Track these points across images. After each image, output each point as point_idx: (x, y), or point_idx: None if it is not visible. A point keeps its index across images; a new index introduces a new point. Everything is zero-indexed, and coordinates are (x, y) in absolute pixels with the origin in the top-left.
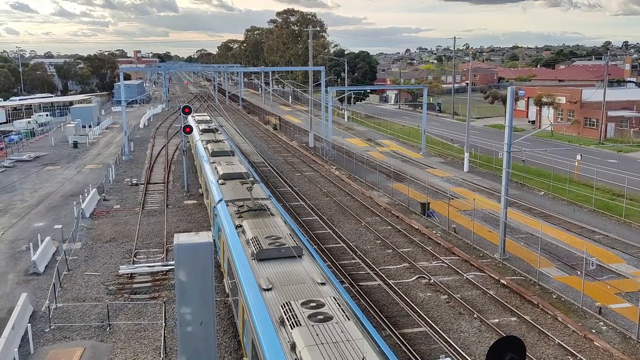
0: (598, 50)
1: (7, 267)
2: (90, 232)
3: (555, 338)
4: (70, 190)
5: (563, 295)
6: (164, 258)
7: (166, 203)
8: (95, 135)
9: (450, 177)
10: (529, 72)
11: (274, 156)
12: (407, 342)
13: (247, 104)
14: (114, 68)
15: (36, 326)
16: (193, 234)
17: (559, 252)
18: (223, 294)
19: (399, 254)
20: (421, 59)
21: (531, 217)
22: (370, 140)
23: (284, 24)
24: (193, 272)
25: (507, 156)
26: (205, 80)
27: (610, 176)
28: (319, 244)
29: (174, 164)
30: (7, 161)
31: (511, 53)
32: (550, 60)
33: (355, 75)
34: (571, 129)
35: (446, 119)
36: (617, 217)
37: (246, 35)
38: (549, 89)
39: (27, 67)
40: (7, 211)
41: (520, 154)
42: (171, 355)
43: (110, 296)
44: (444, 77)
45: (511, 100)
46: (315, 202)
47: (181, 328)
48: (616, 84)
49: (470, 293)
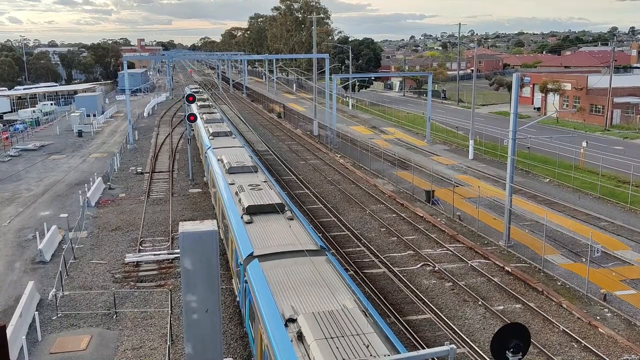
0: (604, 36)
1: (14, 256)
2: (95, 221)
3: (560, 325)
4: (75, 179)
5: (568, 282)
6: (170, 246)
7: (171, 191)
8: (100, 124)
9: (455, 164)
10: (535, 58)
11: (279, 144)
12: (411, 329)
13: (251, 92)
14: (118, 57)
15: (43, 314)
16: (198, 222)
17: (564, 239)
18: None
19: (403, 241)
20: (426, 46)
21: (536, 205)
22: (375, 128)
23: (288, 11)
24: (198, 260)
25: (512, 143)
26: (209, 69)
27: (616, 163)
28: (324, 232)
29: (178, 153)
30: (12, 150)
31: (516, 39)
32: (556, 46)
33: (359, 63)
34: (577, 115)
35: (451, 106)
36: (622, 204)
37: (250, 22)
38: (554, 76)
39: (31, 56)
40: (13, 200)
41: (525, 141)
42: (177, 342)
43: (116, 284)
44: (449, 64)
45: (516, 87)
46: (319, 190)
47: (187, 315)
48: (622, 70)
49: (474, 280)
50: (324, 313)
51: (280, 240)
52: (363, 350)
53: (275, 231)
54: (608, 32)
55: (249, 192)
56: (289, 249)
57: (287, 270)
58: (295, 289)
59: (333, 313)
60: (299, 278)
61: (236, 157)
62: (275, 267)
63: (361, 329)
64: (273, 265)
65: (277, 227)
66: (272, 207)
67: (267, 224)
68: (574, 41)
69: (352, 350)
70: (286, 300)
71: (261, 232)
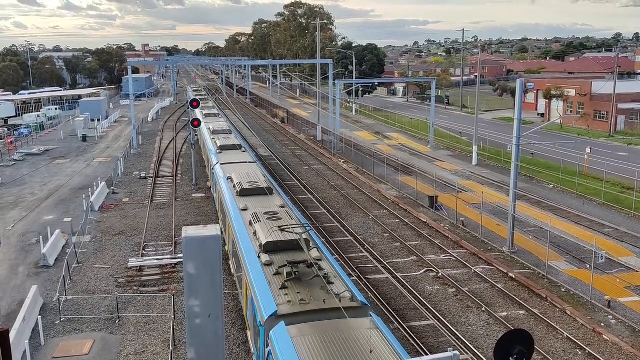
0: (608, 42)
1: (17, 260)
2: (99, 225)
3: (564, 331)
4: (79, 183)
5: (572, 288)
6: (173, 251)
7: (175, 196)
8: (104, 129)
9: (458, 170)
10: (538, 64)
11: (282, 149)
12: (415, 335)
13: (255, 97)
14: (122, 62)
15: (46, 318)
16: (201, 227)
17: (568, 245)
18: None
19: (407, 247)
20: (429, 52)
21: (540, 210)
22: (378, 133)
23: (292, 17)
24: (201, 264)
25: (516, 149)
26: (213, 74)
27: (620, 169)
28: (327, 237)
29: (182, 158)
30: (17, 155)
31: (520, 45)
32: (560, 52)
33: (363, 68)
34: (581, 121)
35: (455, 111)
36: (627, 211)
37: (254, 28)
38: (558, 82)
39: (36, 61)
40: (17, 204)
41: (529, 147)
42: (180, 347)
43: (119, 289)
44: (453, 69)
45: (520, 92)
46: (323, 195)
47: (190, 320)
48: (626, 76)
49: (478, 286)
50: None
51: (310, 291)
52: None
53: (303, 277)
54: (612, 38)
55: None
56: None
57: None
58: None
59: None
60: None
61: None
62: (308, 335)
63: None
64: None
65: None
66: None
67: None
68: (578, 47)
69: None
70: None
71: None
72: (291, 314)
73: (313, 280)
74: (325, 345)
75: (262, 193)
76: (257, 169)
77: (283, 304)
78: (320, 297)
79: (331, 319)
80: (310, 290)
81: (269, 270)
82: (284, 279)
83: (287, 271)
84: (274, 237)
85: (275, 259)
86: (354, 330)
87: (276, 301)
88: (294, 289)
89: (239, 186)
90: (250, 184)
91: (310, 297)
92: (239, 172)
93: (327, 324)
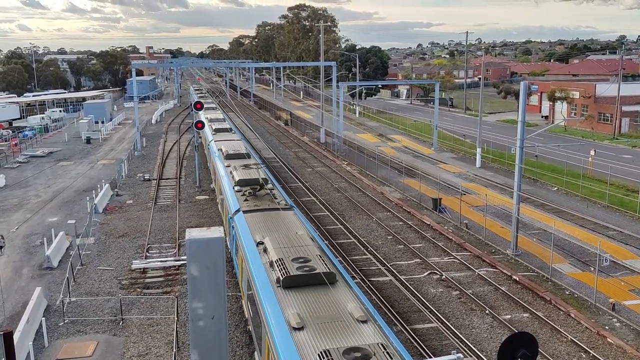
0: (612, 44)
1: (21, 262)
2: (103, 227)
3: (568, 334)
4: (83, 185)
5: (576, 291)
6: (176, 253)
7: (178, 198)
8: (108, 131)
9: (462, 172)
10: (542, 66)
11: (285, 152)
12: (418, 338)
13: (259, 99)
14: (126, 64)
15: (50, 320)
16: (205, 229)
17: (572, 248)
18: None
19: (410, 249)
20: (433, 54)
21: (544, 213)
22: (382, 135)
23: (295, 19)
24: (205, 266)
25: (519, 151)
26: (217, 76)
27: (625, 172)
28: (330, 240)
29: (185, 160)
30: (21, 157)
31: (524, 47)
32: (564, 54)
33: (366, 71)
34: (585, 124)
35: (458, 114)
36: (631, 213)
37: (257, 30)
38: (562, 84)
39: (40, 64)
40: (21, 206)
41: (533, 149)
42: (183, 349)
43: (123, 291)
44: (456, 72)
45: (524, 95)
46: (326, 198)
47: (193, 322)
48: (631, 79)
49: (482, 289)
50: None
51: (260, 201)
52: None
53: (258, 194)
54: (616, 41)
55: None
56: (266, 207)
57: (264, 219)
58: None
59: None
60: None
61: (232, 146)
62: (256, 218)
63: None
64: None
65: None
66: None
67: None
68: (582, 49)
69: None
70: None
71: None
72: (247, 210)
73: (265, 196)
74: (265, 223)
75: (221, 120)
76: (241, 143)
77: (243, 206)
78: (266, 203)
79: (270, 212)
80: (261, 200)
81: (239, 195)
82: (246, 197)
83: (248, 191)
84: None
85: (244, 188)
86: (283, 217)
87: (240, 205)
88: (252, 201)
89: (225, 153)
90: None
91: (260, 203)
92: (232, 147)
93: (267, 214)
